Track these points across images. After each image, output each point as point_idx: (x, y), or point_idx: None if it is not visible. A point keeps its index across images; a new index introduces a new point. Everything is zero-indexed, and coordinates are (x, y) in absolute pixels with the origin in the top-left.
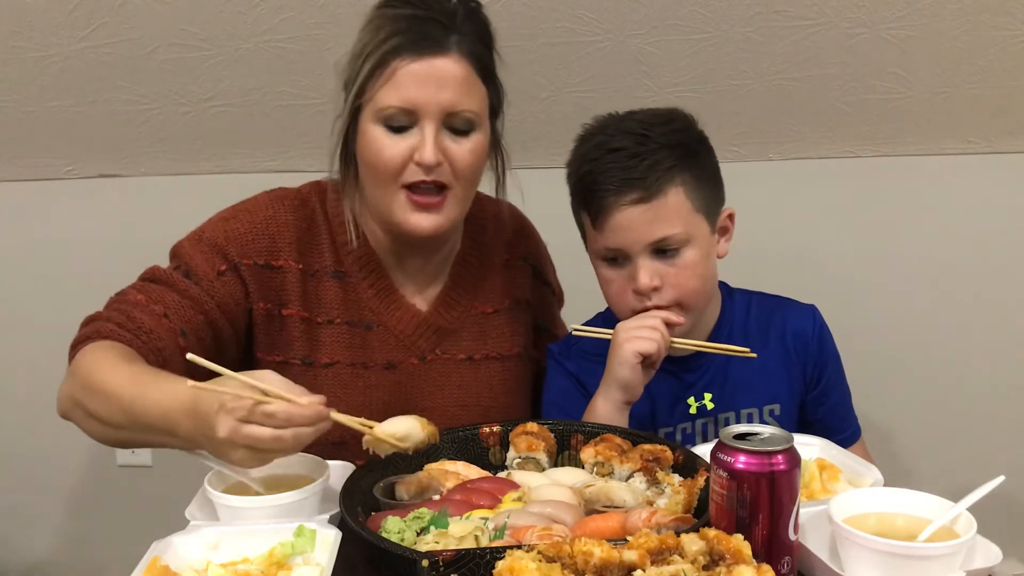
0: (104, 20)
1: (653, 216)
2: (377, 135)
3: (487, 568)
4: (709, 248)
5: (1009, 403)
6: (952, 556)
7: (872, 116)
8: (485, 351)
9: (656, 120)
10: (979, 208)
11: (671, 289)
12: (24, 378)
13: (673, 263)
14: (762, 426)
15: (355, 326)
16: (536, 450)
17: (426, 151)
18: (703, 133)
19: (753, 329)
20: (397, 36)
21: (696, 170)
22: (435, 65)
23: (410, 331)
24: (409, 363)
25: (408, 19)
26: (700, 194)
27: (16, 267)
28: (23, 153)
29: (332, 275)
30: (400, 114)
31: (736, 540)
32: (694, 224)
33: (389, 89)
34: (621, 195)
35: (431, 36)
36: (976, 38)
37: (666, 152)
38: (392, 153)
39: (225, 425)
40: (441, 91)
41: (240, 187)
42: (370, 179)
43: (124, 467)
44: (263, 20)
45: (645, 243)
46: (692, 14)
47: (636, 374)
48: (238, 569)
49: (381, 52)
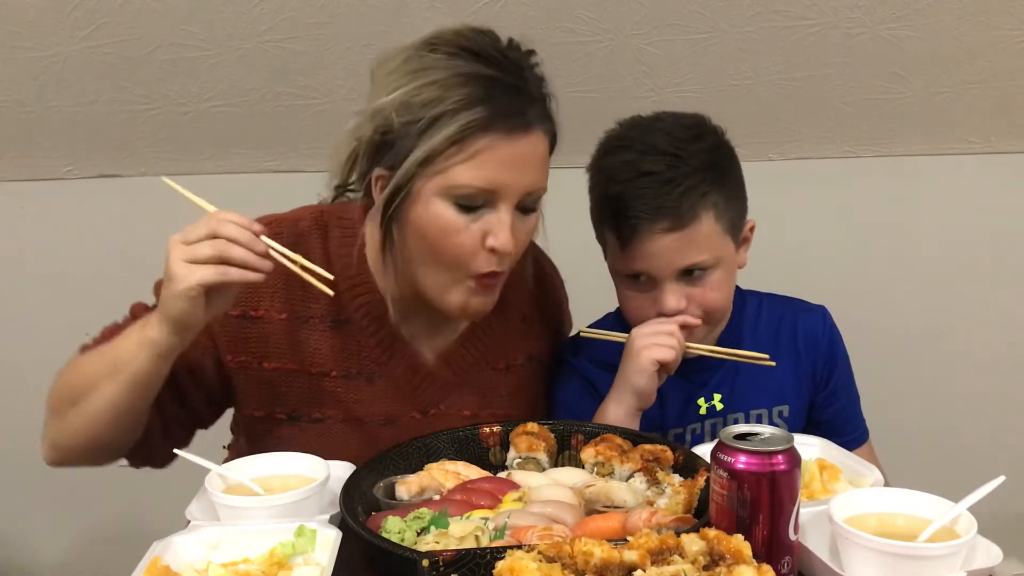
0: (104, 20)
1: (684, 244)
2: (447, 213)
3: (487, 568)
4: (733, 264)
5: (1009, 403)
6: (952, 556)
7: (872, 116)
8: (491, 409)
9: (686, 135)
10: (979, 208)
11: (696, 307)
12: (24, 378)
13: (700, 284)
14: (762, 426)
15: (354, 378)
16: (536, 450)
17: (504, 239)
18: (730, 145)
19: (764, 330)
20: (480, 106)
21: (726, 190)
22: (523, 146)
23: (416, 383)
24: (410, 417)
25: (487, 83)
26: (728, 214)
27: (16, 267)
28: (23, 153)
29: (331, 324)
30: (480, 195)
31: (736, 540)
32: (722, 246)
33: (471, 168)
34: (653, 223)
35: (516, 110)
36: (976, 38)
37: (699, 176)
38: (465, 239)
39: (175, 251)
40: (525, 174)
41: (240, 187)
42: (428, 256)
43: (124, 467)
44: (263, 20)
45: (674, 269)
46: (692, 14)
47: (652, 382)
48: (238, 569)
49: (463, 123)
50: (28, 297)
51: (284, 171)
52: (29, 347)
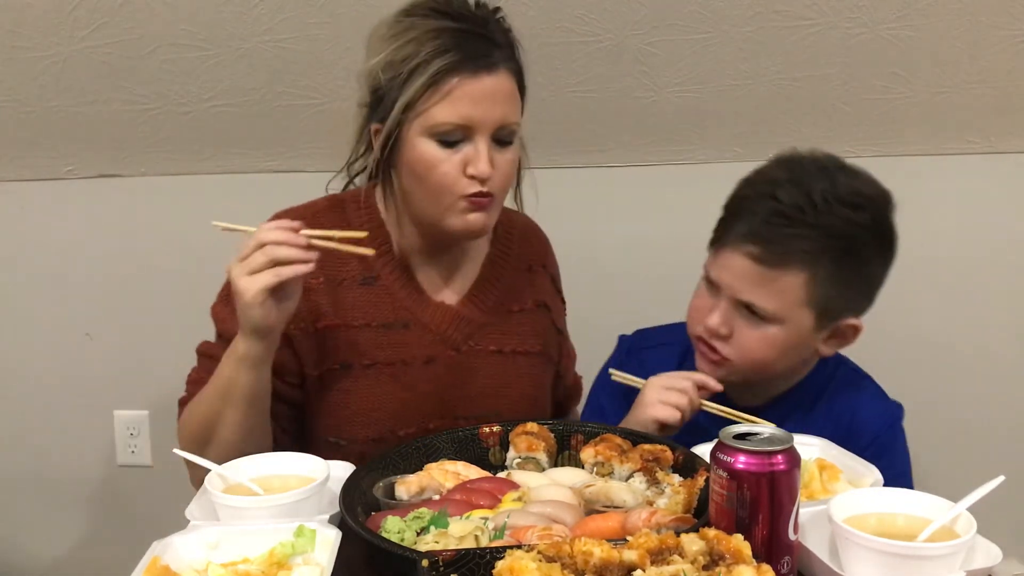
0: (104, 20)
1: (759, 280)
2: (430, 150)
3: (487, 568)
4: (801, 339)
5: (1009, 403)
6: (952, 556)
7: (872, 116)
8: (512, 346)
9: (843, 194)
10: (979, 208)
11: (734, 349)
12: (24, 378)
13: (753, 326)
14: (762, 426)
15: (392, 327)
16: (536, 450)
17: (483, 166)
18: (886, 239)
19: (822, 399)
20: (449, 53)
21: (838, 268)
22: (489, 83)
23: (445, 325)
24: (447, 355)
25: (454, 33)
26: (823, 291)
27: (16, 267)
28: (23, 153)
29: (361, 282)
30: (456, 131)
31: (736, 540)
32: (796, 313)
33: (445, 106)
34: (746, 241)
35: (482, 53)
36: (976, 38)
37: (818, 235)
38: (447, 168)
39: (235, 269)
40: (494, 108)
41: (240, 187)
42: (420, 190)
43: (124, 467)
44: (263, 20)
45: (735, 295)
46: (692, 14)
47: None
48: (238, 569)
49: (435, 68)
50: (28, 297)
51: (284, 171)
52: (29, 347)
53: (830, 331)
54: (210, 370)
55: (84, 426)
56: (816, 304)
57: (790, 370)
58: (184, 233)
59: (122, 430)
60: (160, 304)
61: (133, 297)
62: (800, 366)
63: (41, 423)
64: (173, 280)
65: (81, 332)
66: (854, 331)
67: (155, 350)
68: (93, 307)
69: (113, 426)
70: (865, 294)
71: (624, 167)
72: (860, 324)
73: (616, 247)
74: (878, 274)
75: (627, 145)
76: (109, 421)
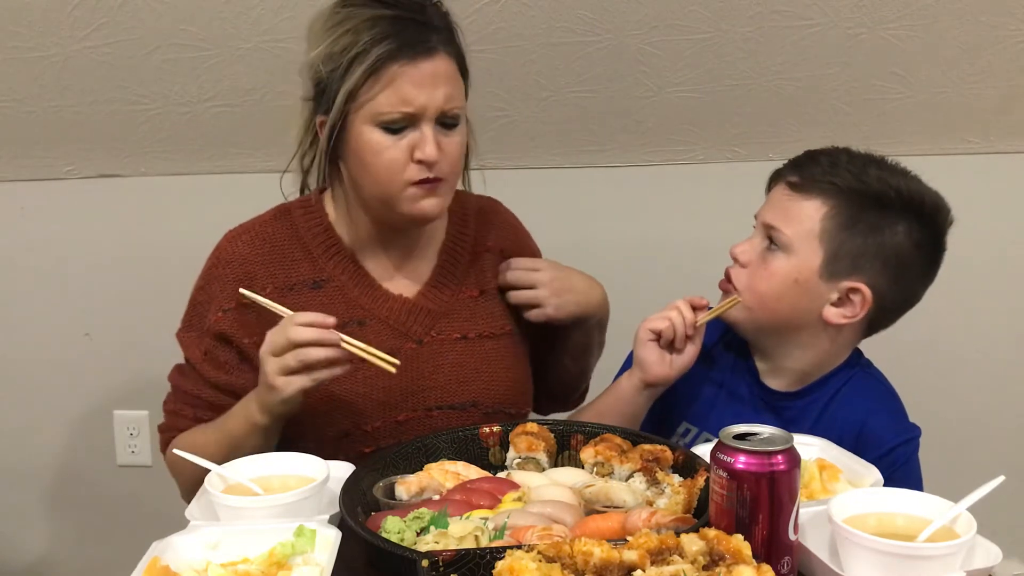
0: (104, 20)
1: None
2: (376, 137)
3: (487, 568)
4: (806, 279)
5: (1009, 403)
6: (952, 556)
7: (872, 116)
8: (477, 330)
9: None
10: (979, 208)
11: (745, 277)
12: (24, 378)
13: (766, 255)
14: (762, 426)
15: (347, 325)
16: (536, 450)
17: (429, 150)
18: (926, 225)
19: (832, 403)
20: (387, 40)
21: (857, 218)
22: (428, 67)
23: (404, 318)
24: (407, 348)
25: (391, 21)
26: (836, 233)
27: (16, 267)
28: (23, 153)
29: (312, 286)
30: (401, 118)
31: (736, 540)
32: (807, 244)
33: (389, 94)
34: (789, 172)
35: (419, 38)
36: (976, 38)
37: (850, 189)
38: (394, 155)
39: (268, 365)
40: (436, 92)
41: (240, 187)
42: (368, 179)
43: (124, 467)
44: (263, 20)
45: (763, 222)
46: (692, 14)
47: (650, 352)
48: (238, 569)
49: (374, 57)
50: (28, 297)
51: (284, 171)
52: (29, 347)
53: (837, 291)
54: (187, 402)
55: (84, 426)
56: (826, 242)
57: (787, 319)
58: (184, 233)
59: (122, 430)
60: (160, 304)
61: (133, 297)
62: (790, 318)
63: (41, 423)
64: (173, 280)
65: (81, 332)
66: (863, 301)
67: (155, 350)
68: (93, 307)
69: (113, 426)
70: (880, 261)
71: (624, 167)
72: (868, 293)
73: (616, 247)
74: (902, 250)
75: (627, 145)
76: (109, 421)
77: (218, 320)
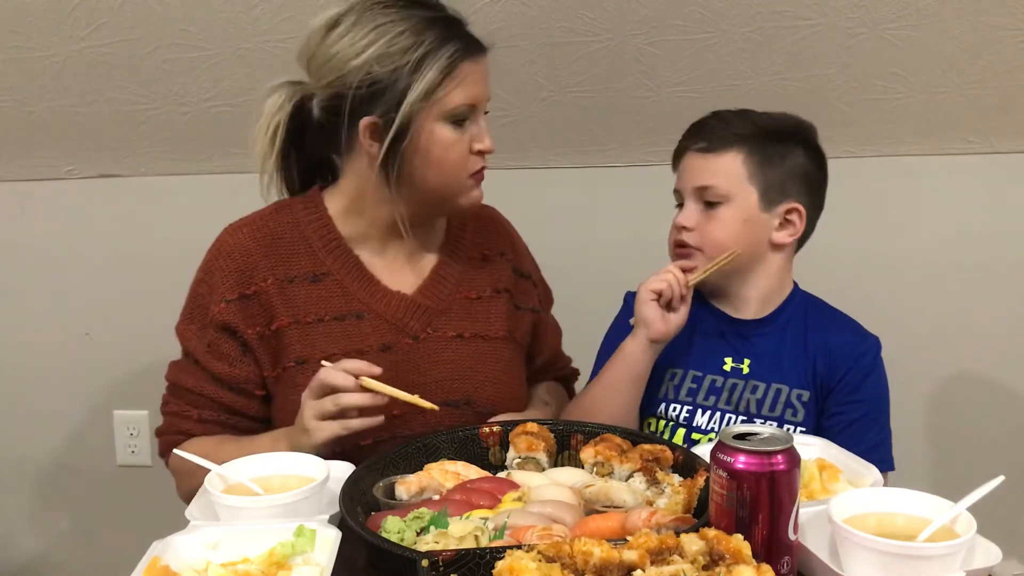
0: (104, 20)
1: (706, 166)
2: (447, 133)
3: (487, 568)
4: (752, 217)
5: (1009, 403)
6: (952, 556)
7: (872, 116)
8: (473, 330)
9: (773, 114)
10: (979, 208)
11: (699, 236)
12: (24, 378)
13: (708, 212)
14: (762, 426)
15: (344, 319)
16: (536, 450)
17: (489, 141)
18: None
19: (797, 327)
20: (453, 40)
21: (766, 154)
22: (484, 64)
23: (401, 313)
24: (404, 343)
25: (444, 22)
26: (760, 169)
27: (16, 267)
28: (23, 153)
29: (311, 280)
30: (468, 111)
31: (736, 540)
32: (741, 189)
33: (460, 91)
34: (691, 141)
35: (473, 39)
36: (976, 38)
37: (746, 128)
38: (461, 147)
39: (307, 409)
40: (488, 86)
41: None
42: (434, 173)
43: (124, 467)
44: (263, 20)
45: (693, 186)
46: (692, 14)
47: (652, 311)
48: (238, 569)
49: (447, 56)
50: (28, 297)
51: None
52: (29, 347)
53: (777, 216)
54: (190, 402)
55: (84, 426)
56: (756, 181)
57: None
58: (184, 233)
59: (122, 430)
60: (160, 304)
61: (133, 297)
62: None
63: (41, 423)
64: (173, 280)
65: (81, 332)
66: (800, 217)
67: (155, 350)
68: (93, 307)
69: (113, 426)
70: (799, 181)
71: (624, 167)
72: (802, 210)
73: (616, 247)
74: (808, 168)
75: (627, 145)
76: (109, 421)
77: (221, 311)
